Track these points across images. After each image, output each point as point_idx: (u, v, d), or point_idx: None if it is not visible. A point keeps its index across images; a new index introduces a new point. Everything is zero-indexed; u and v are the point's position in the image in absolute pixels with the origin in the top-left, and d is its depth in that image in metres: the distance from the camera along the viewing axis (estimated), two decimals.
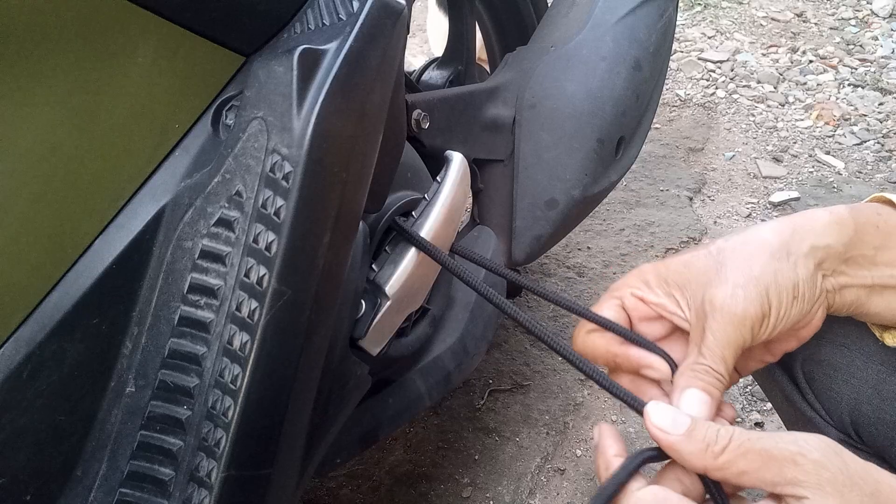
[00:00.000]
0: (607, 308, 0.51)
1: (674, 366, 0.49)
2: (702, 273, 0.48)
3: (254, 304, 0.49)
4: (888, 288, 0.50)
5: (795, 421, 0.63)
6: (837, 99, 2.12)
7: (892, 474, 0.39)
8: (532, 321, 0.55)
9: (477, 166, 1.02)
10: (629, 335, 0.50)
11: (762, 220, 1.66)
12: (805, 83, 2.19)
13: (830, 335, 0.58)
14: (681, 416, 0.43)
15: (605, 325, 0.50)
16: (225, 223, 0.50)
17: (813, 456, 0.38)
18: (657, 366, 0.49)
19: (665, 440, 0.42)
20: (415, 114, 0.82)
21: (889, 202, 0.52)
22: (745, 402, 1.24)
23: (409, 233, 0.68)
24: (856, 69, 2.26)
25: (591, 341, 0.51)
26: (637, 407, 0.46)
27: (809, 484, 0.38)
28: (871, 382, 0.55)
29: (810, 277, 0.47)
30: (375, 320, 0.67)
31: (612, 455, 0.45)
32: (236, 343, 0.49)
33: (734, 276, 0.47)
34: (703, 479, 0.43)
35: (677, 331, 0.51)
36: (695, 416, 0.44)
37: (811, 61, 2.30)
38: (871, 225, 0.50)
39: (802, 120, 2.03)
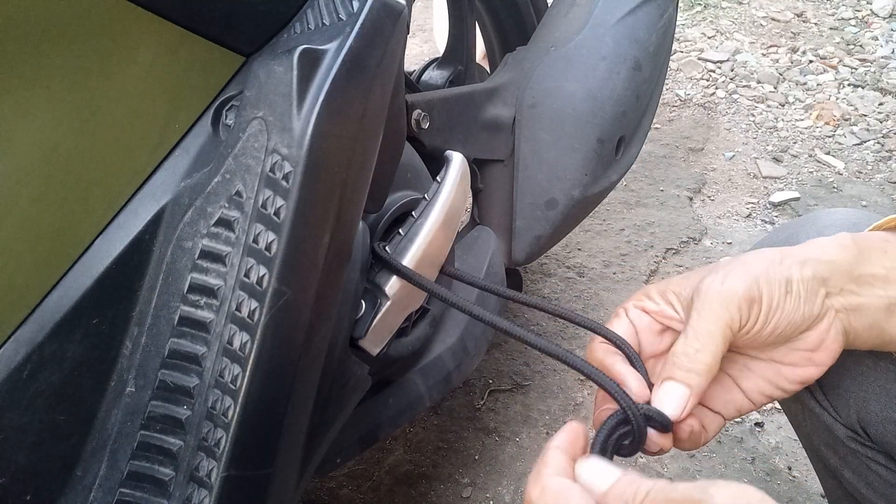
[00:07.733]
0: (617, 323, 0.54)
1: (650, 386, 0.50)
2: (698, 278, 0.50)
3: (254, 304, 0.49)
4: None
5: (804, 418, 0.63)
6: (837, 99, 2.12)
7: None
8: (524, 332, 0.56)
9: (477, 166, 1.02)
10: (628, 354, 0.52)
11: (762, 220, 1.66)
12: (805, 83, 2.19)
13: None
14: (609, 471, 0.42)
15: (609, 337, 0.52)
16: (225, 223, 0.50)
17: (714, 501, 0.36)
18: (632, 387, 0.49)
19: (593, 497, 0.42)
20: (415, 114, 0.82)
21: None
22: None
23: (392, 262, 0.66)
24: (856, 69, 2.26)
25: (593, 347, 0.54)
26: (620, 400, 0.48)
27: None
28: (880, 381, 0.55)
29: (806, 280, 0.48)
30: (375, 320, 0.67)
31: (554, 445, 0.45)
32: (236, 343, 0.49)
33: (725, 268, 0.49)
34: None
35: None
36: (669, 414, 0.47)
37: (811, 61, 2.30)
38: (877, 250, 0.50)
39: (802, 120, 2.03)
